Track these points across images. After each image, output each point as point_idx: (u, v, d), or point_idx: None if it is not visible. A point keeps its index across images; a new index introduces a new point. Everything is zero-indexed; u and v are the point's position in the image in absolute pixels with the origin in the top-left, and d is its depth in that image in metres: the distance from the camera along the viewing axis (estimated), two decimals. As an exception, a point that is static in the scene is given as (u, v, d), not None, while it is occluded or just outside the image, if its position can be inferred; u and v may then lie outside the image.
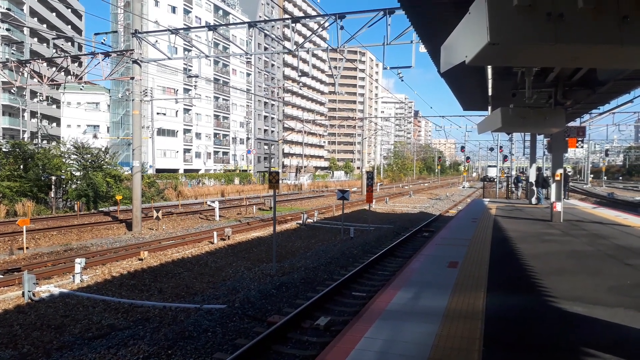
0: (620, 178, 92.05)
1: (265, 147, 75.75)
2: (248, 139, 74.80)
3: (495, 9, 4.52)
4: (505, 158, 48.12)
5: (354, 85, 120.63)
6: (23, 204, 23.79)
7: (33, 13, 56.23)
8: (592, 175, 72.11)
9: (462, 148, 53.08)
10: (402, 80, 20.11)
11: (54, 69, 21.33)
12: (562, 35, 4.51)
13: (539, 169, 22.41)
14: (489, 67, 12.78)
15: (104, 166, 28.56)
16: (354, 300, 8.90)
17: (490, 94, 15.15)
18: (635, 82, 13.80)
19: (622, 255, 9.27)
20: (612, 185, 65.03)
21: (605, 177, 73.26)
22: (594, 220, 15.52)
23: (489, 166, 65.08)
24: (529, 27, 4.53)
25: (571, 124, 20.61)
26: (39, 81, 20.98)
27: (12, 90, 49.02)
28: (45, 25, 57.26)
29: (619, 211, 19.91)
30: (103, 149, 29.95)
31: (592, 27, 4.50)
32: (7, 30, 43.81)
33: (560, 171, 14.57)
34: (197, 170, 61.73)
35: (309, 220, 22.21)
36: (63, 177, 26.92)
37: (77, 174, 27.89)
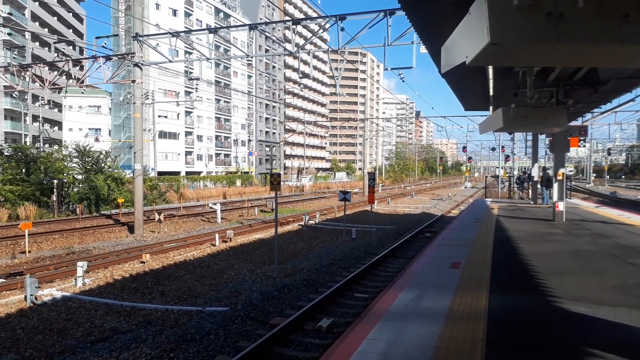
0: (623, 177, 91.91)
1: (267, 148, 75.78)
2: (249, 140, 74.90)
3: (496, 9, 4.51)
4: (507, 158, 48.11)
5: (355, 87, 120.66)
6: (25, 207, 23.84)
7: (34, 17, 56.39)
8: (594, 175, 71.90)
9: (464, 148, 53.03)
10: (403, 81, 20.11)
11: (55, 72, 21.36)
12: (563, 35, 4.49)
13: (544, 169, 22.31)
14: (490, 67, 12.76)
15: (105, 169, 28.61)
16: (357, 301, 8.88)
17: (491, 94, 15.12)
18: (637, 81, 13.74)
19: (626, 255, 9.23)
20: (615, 184, 64.88)
21: (608, 176, 73.05)
22: (596, 220, 15.47)
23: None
24: (530, 27, 4.52)
25: (573, 123, 20.56)
26: (40, 85, 21.05)
27: (14, 94, 49.19)
28: (46, 30, 57.43)
29: (622, 210, 19.84)
30: (104, 152, 30.01)
31: (593, 27, 4.48)
32: (9, 34, 43.98)
33: (562, 171, 14.52)
34: (198, 173, 61.79)
35: (310, 221, 22.19)
36: (65, 180, 26.96)
37: (79, 177, 27.94)
